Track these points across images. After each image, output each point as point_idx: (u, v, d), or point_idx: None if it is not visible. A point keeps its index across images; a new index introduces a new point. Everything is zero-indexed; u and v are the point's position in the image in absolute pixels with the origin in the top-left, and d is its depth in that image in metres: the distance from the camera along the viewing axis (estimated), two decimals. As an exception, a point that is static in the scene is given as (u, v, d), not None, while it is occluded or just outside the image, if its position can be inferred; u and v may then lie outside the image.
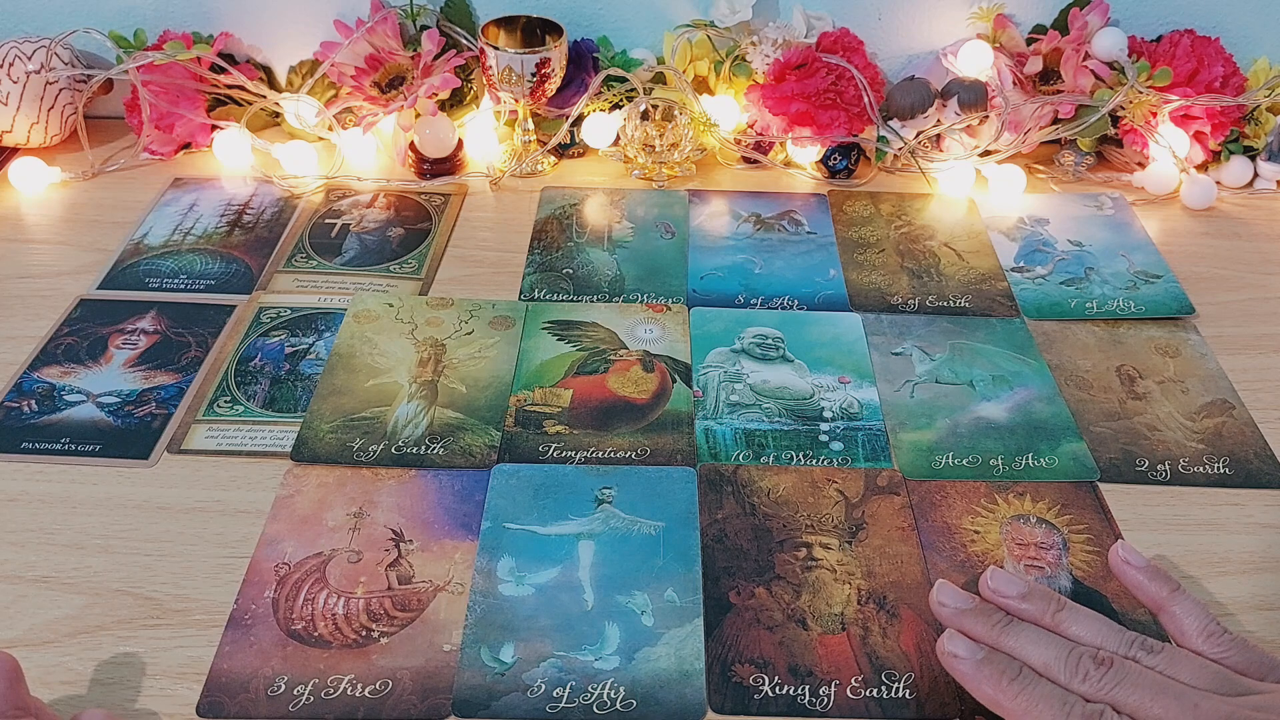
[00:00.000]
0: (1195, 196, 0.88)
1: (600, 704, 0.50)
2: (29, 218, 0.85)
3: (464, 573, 0.56)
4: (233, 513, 0.59)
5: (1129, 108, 0.88)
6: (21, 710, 0.44)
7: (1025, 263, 0.81)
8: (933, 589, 0.49)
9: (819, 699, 0.50)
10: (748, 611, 0.54)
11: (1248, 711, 0.43)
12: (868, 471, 0.63)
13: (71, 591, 0.55)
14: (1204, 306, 0.77)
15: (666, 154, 0.89)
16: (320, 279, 0.78)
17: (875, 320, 0.75)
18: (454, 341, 0.72)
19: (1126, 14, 0.91)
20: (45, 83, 0.88)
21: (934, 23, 0.93)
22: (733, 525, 0.59)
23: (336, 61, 0.90)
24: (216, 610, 0.54)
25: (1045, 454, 0.64)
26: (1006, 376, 0.70)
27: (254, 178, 0.90)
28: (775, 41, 0.88)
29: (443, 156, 0.90)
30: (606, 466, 0.62)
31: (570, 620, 0.54)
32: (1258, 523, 0.60)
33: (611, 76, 0.89)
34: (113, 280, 0.77)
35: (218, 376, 0.69)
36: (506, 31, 0.88)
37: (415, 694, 0.50)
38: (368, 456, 0.63)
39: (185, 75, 0.90)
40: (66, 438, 0.64)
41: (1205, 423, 0.67)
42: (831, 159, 0.90)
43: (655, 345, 0.72)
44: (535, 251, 0.81)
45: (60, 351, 0.70)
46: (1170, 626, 0.48)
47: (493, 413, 0.66)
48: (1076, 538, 0.59)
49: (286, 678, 0.51)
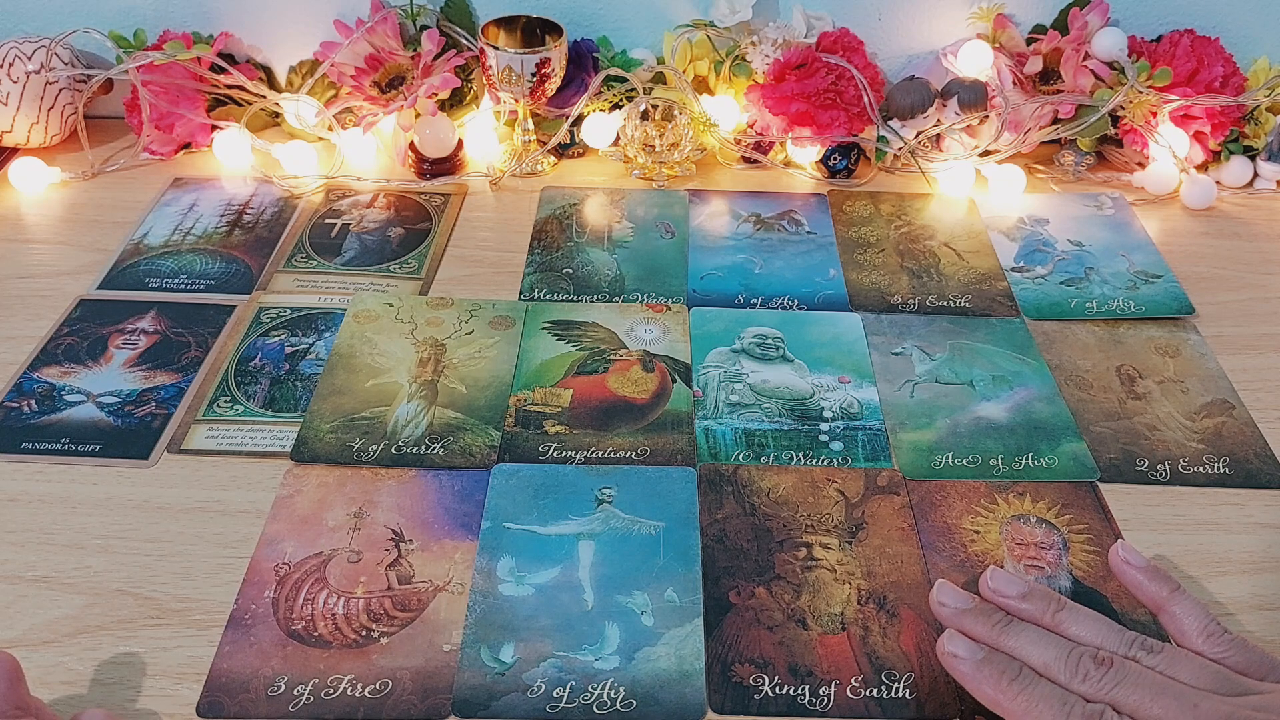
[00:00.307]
0: (1195, 196, 0.88)
1: (600, 704, 0.50)
2: (29, 218, 0.85)
3: (464, 573, 0.56)
4: (233, 513, 0.59)
5: (1129, 108, 0.88)
6: (22, 710, 0.44)
7: (1025, 263, 0.81)
8: (933, 589, 0.49)
9: (819, 699, 0.50)
10: (748, 611, 0.54)
11: (1247, 711, 0.43)
12: (868, 471, 0.63)
13: (71, 591, 0.55)
14: (1204, 306, 0.77)
15: (666, 154, 0.89)
16: (320, 279, 0.78)
17: (875, 320, 0.75)
18: (454, 341, 0.72)
19: (1126, 14, 0.91)
20: (45, 83, 0.88)
21: (934, 23, 0.93)
22: (733, 525, 0.59)
23: (336, 61, 0.90)
24: (216, 610, 0.54)
25: (1045, 454, 0.64)
26: (1006, 376, 0.70)
27: (254, 178, 0.90)
28: (775, 41, 0.88)
29: (443, 156, 0.90)
30: (606, 466, 0.62)
31: (570, 620, 0.54)
32: (1258, 523, 0.60)
33: (611, 76, 0.89)
34: (113, 280, 0.77)
35: (218, 376, 0.69)
36: (506, 31, 0.88)
37: (415, 694, 0.50)
38: (368, 456, 0.63)
39: (185, 75, 0.90)
40: (66, 438, 0.64)
41: (1205, 423, 0.67)
42: (831, 159, 0.90)
43: (655, 345, 0.72)
44: (535, 251, 0.81)
45: (60, 351, 0.70)
46: (1170, 626, 0.48)
47: (493, 413, 0.66)
48: (1076, 538, 0.59)
49: (286, 678, 0.51)
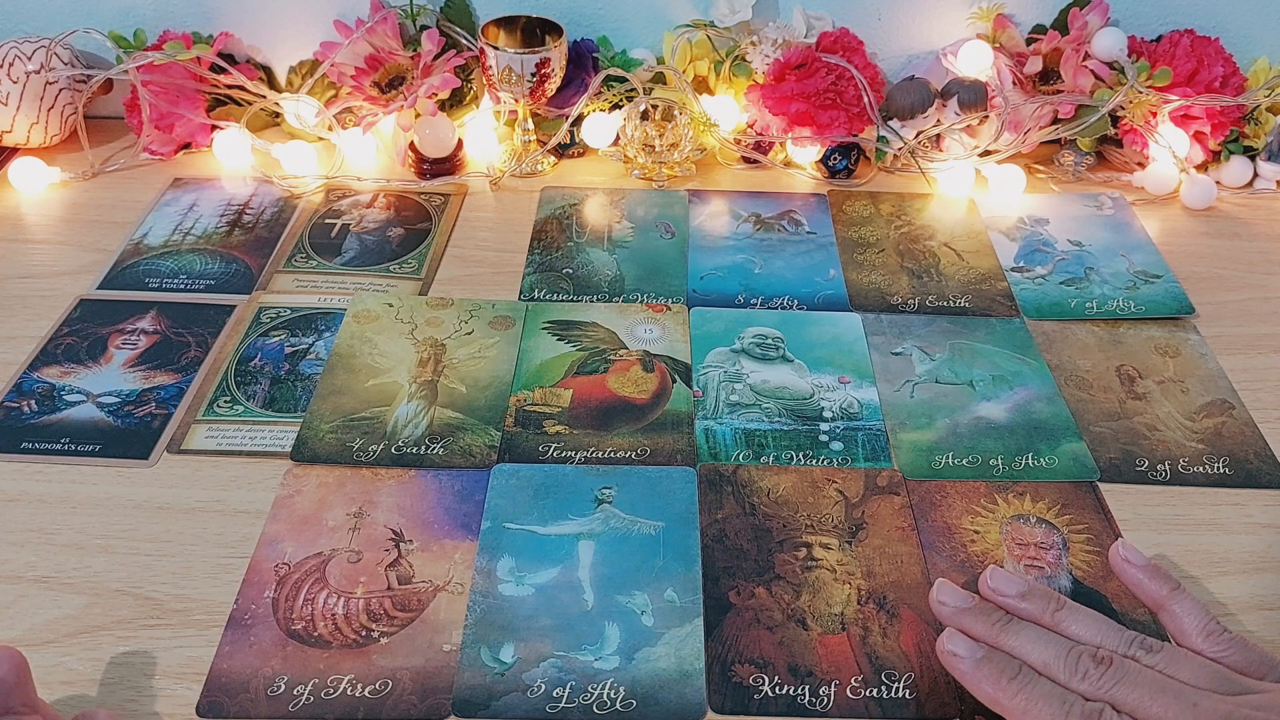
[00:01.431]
0: (1195, 196, 0.88)
1: (600, 704, 0.50)
2: (29, 218, 0.85)
3: (464, 573, 0.56)
4: (233, 513, 0.59)
5: (1129, 108, 0.88)
6: (29, 707, 0.44)
7: (1025, 263, 0.81)
8: (932, 588, 0.49)
9: (819, 699, 0.50)
10: (748, 611, 0.54)
11: (1247, 710, 0.43)
12: (868, 471, 0.63)
13: (71, 591, 0.55)
14: (1204, 306, 0.77)
15: (666, 154, 0.89)
16: (320, 279, 0.78)
17: (875, 320, 0.75)
18: (454, 341, 0.72)
19: (1126, 14, 0.91)
20: (45, 83, 0.88)
21: (934, 23, 0.93)
22: (733, 525, 0.59)
23: (336, 61, 0.90)
24: (216, 610, 0.54)
25: (1045, 454, 0.64)
26: (1006, 376, 0.70)
27: (254, 178, 0.90)
28: (775, 41, 0.88)
29: (443, 156, 0.90)
30: (606, 466, 0.62)
31: (570, 620, 0.54)
32: (1258, 523, 0.60)
33: (611, 76, 0.89)
34: (113, 280, 0.77)
35: (218, 376, 0.69)
36: (506, 31, 0.88)
37: (415, 694, 0.50)
38: (368, 456, 0.63)
39: (185, 75, 0.90)
40: (66, 438, 0.64)
41: (1205, 423, 0.67)
42: (831, 159, 0.90)
43: (655, 345, 0.72)
44: (535, 251, 0.81)
45: (60, 351, 0.70)
46: (1170, 625, 0.48)
47: (493, 413, 0.66)
48: (1076, 538, 0.59)
49: (286, 678, 0.51)
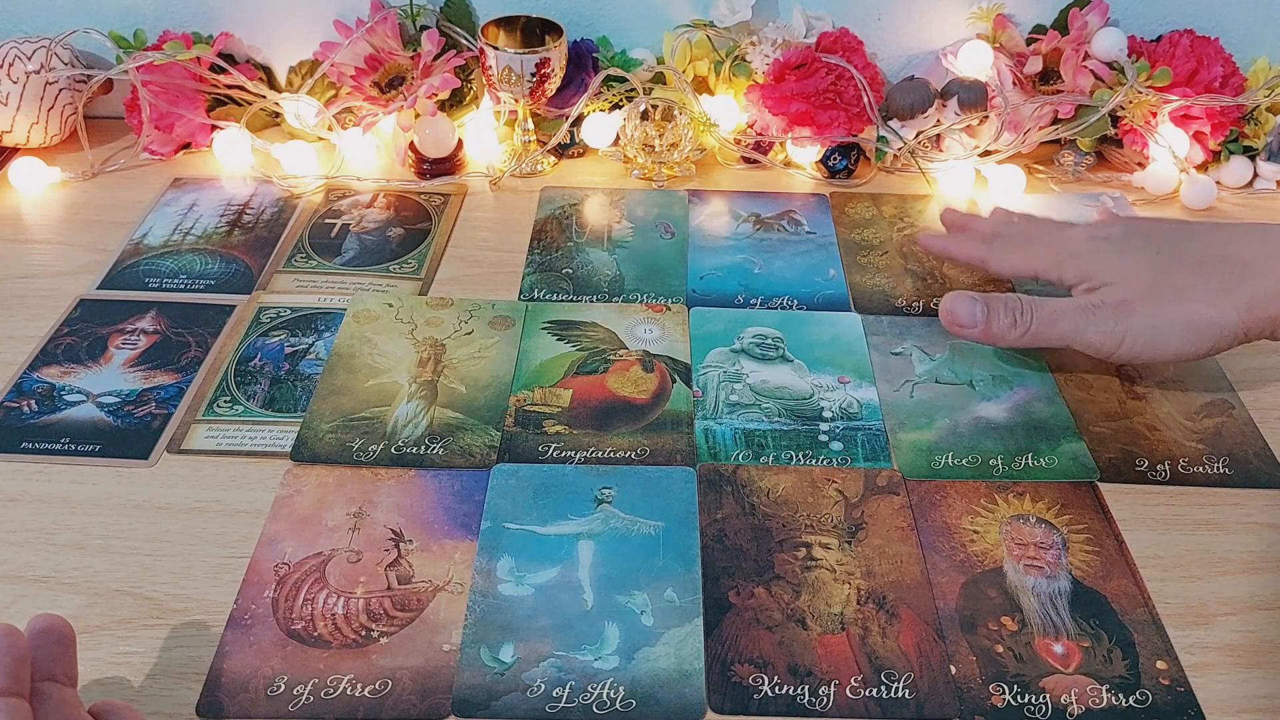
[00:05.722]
0: (1195, 196, 0.88)
1: (600, 704, 0.50)
2: (29, 218, 0.85)
3: (464, 573, 0.56)
4: (232, 513, 0.59)
5: (1129, 108, 0.88)
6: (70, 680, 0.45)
7: (1025, 263, 0.81)
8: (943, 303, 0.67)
9: (818, 699, 0.50)
10: (747, 611, 0.54)
11: (1103, 230, 0.59)
12: (867, 471, 0.63)
13: (71, 591, 0.55)
14: (1204, 306, 0.77)
15: (666, 154, 0.89)
16: (320, 279, 0.78)
17: (875, 320, 0.75)
18: (454, 341, 0.72)
19: (1126, 14, 0.91)
20: (45, 83, 0.88)
21: (934, 23, 0.93)
22: (732, 525, 0.59)
23: (336, 61, 0.90)
24: (216, 610, 0.54)
25: (1045, 454, 0.64)
26: (1006, 376, 0.70)
27: (254, 178, 0.90)
28: (775, 41, 0.88)
29: (442, 156, 0.90)
30: (606, 466, 0.62)
31: (570, 620, 0.54)
32: (1258, 523, 0.60)
33: (611, 76, 0.89)
34: (113, 280, 0.77)
35: (217, 376, 0.69)
36: (506, 31, 0.88)
37: (415, 694, 0.50)
38: (367, 456, 0.63)
39: (185, 75, 0.90)
40: (66, 438, 0.64)
41: (1205, 423, 0.67)
42: (831, 159, 0.90)
43: (655, 345, 0.72)
44: (535, 251, 0.81)
45: (60, 351, 0.70)
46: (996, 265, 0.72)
47: (492, 413, 0.66)
48: (1076, 538, 0.59)
49: (286, 678, 0.51)
